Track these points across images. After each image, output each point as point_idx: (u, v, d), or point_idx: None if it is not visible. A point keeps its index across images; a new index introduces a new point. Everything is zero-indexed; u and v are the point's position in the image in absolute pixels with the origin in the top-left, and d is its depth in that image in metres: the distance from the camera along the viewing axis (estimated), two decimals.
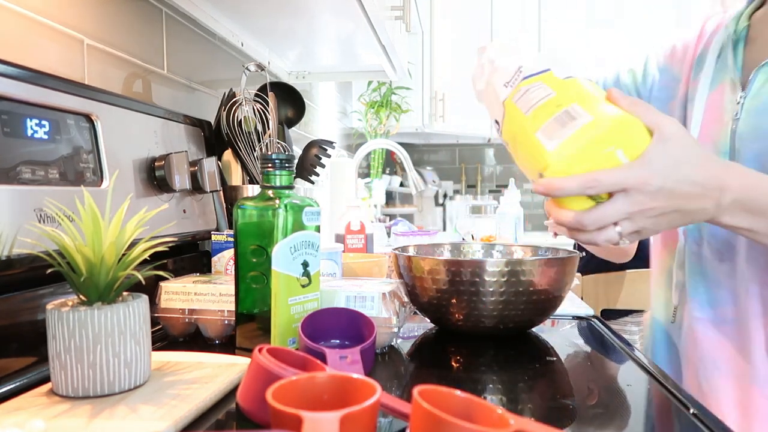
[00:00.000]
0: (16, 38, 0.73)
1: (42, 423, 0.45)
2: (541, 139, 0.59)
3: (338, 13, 1.23)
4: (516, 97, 0.64)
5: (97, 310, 0.51)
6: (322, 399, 0.44)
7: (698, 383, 0.77)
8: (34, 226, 0.61)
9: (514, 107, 0.64)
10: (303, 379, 0.44)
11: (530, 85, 0.63)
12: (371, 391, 0.41)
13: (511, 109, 0.64)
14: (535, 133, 0.60)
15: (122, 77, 0.95)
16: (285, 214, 0.64)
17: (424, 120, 3.02)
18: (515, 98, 0.64)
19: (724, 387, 0.75)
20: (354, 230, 1.16)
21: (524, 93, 0.63)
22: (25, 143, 0.64)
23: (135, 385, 0.53)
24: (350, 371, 0.52)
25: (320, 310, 0.67)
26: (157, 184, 0.87)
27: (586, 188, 0.56)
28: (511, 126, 0.64)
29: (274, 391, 0.41)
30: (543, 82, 0.63)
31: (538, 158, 0.59)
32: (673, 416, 0.54)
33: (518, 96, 0.64)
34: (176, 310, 0.75)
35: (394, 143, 1.78)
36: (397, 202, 3.40)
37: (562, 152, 0.57)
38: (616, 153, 0.57)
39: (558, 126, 0.58)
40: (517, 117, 0.63)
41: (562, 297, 0.80)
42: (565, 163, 0.57)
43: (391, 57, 1.61)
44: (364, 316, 0.67)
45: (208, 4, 1.19)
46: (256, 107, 1.10)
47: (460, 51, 3.18)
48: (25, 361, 0.62)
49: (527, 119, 0.61)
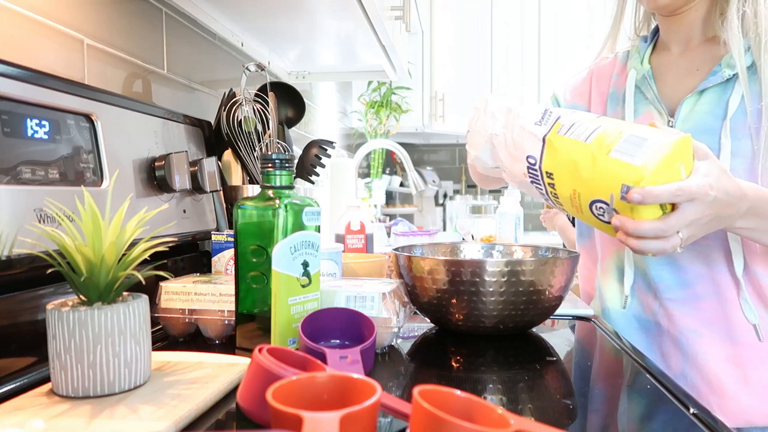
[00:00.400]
0: (16, 38, 0.73)
1: (42, 423, 0.45)
2: (622, 158, 0.66)
3: (338, 13, 1.23)
4: (563, 131, 0.73)
5: (97, 310, 0.51)
6: (322, 399, 0.44)
7: (681, 351, 0.89)
8: (34, 226, 0.61)
9: (563, 139, 0.72)
10: (303, 379, 0.44)
11: (570, 121, 0.73)
12: (371, 391, 0.41)
13: (561, 141, 0.72)
14: (609, 154, 0.67)
15: (122, 77, 0.95)
16: (285, 214, 0.64)
17: (424, 120, 3.02)
18: (560, 131, 0.73)
19: (710, 348, 0.86)
20: (354, 230, 1.16)
21: (570, 127, 0.72)
22: (25, 143, 0.64)
23: (135, 385, 0.53)
24: (350, 371, 0.52)
25: (320, 310, 0.67)
26: (157, 184, 0.87)
27: (675, 196, 0.64)
28: (562, 155, 0.72)
29: (274, 391, 0.41)
30: (582, 119, 0.73)
31: (623, 175, 0.65)
32: (673, 416, 0.54)
33: (563, 130, 0.73)
34: (176, 310, 0.75)
35: (394, 143, 1.78)
36: (397, 202, 3.40)
37: (650, 166, 0.64)
38: (680, 168, 0.66)
39: (634, 146, 0.66)
40: (575, 146, 0.70)
41: (562, 297, 0.80)
42: (653, 174, 0.64)
43: (391, 57, 1.61)
44: (364, 316, 0.67)
45: (208, 4, 1.19)
46: (256, 107, 1.10)
47: (460, 51, 3.18)
48: (25, 361, 0.62)
49: (591, 145, 0.69)
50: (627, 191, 0.65)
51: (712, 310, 0.86)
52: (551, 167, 0.74)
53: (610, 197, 0.67)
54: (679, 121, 0.87)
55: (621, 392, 0.62)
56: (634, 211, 0.66)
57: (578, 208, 0.72)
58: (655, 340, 0.93)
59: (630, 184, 0.65)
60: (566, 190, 0.72)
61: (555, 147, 0.73)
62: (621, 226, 0.66)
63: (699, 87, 0.85)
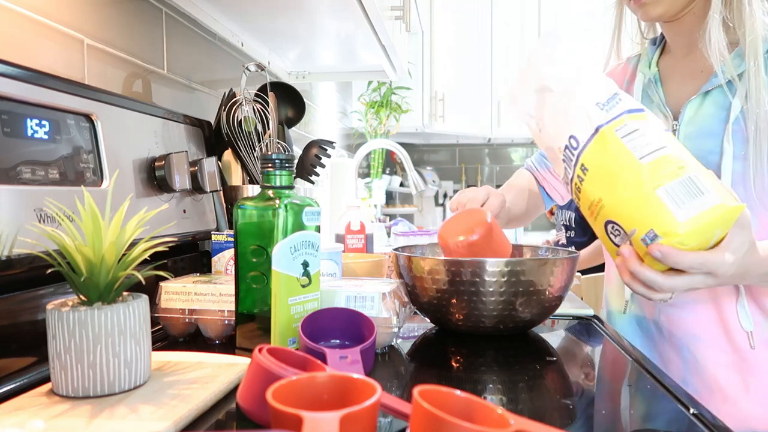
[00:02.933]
0: (16, 38, 0.73)
1: (42, 423, 0.45)
2: (666, 202, 0.59)
3: (338, 13, 1.23)
4: (621, 132, 0.63)
5: (97, 310, 0.51)
6: (322, 399, 0.44)
7: (682, 357, 0.89)
8: (34, 226, 0.61)
9: (618, 142, 0.62)
10: (303, 379, 0.44)
11: (637, 124, 0.63)
12: (371, 391, 0.41)
13: (615, 142, 0.63)
14: (656, 189, 0.59)
15: (122, 77, 0.95)
16: (285, 214, 0.64)
17: (424, 120, 3.02)
18: (619, 132, 0.63)
19: (710, 354, 0.86)
20: (354, 230, 1.16)
21: (631, 133, 0.62)
22: (25, 143, 0.64)
23: (135, 385, 0.53)
24: (350, 371, 0.52)
25: (320, 310, 0.67)
26: (157, 184, 0.87)
27: (692, 268, 0.61)
28: (608, 159, 0.63)
29: (274, 391, 0.41)
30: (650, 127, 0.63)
31: (659, 219, 0.59)
32: (673, 416, 0.54)
33: (623, 132, 0.63)
34: (176, 310, 0.75)
35: (394, 143, 1.78)
36: (397, 202, 3.40)
37: (691, 227, 0.58)
38: (716, 233, 0.61)
39: (686, 195, 0.59)
40: (625, 157, 0.62)
41: (562, 297, 0.80)
42: (687, 237, 0.59)
43: (391, 57, 1.61)
44: (364, 316, 0.67)
45: (208, 4, 1.19)
46: (256, 107, 1.10)
47: (460, 51, 3.18)
48: (25, 361, 0.62)
49: (644, 168, 0.60)
50: (652, 239, 0.59)
51: (711, 315, 0.86)
52: (590, 163, 0.65)
53: (633, 230, 0.61)
54: (683, 124, 0.86)
55: (621, 392, 0.62)
56: (647, 254, 0.61)
57: (593, 215, 0.67)
58: (656, 345, 0.92)
59: (659, 233, 0.59)
60: (593, 193, 0.66)
61: (605, 145, 0.64)
62: (626, 259, 0.64)
63: (702, 89, 0.85)
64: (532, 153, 3.78)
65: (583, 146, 0.65)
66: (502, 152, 3.85)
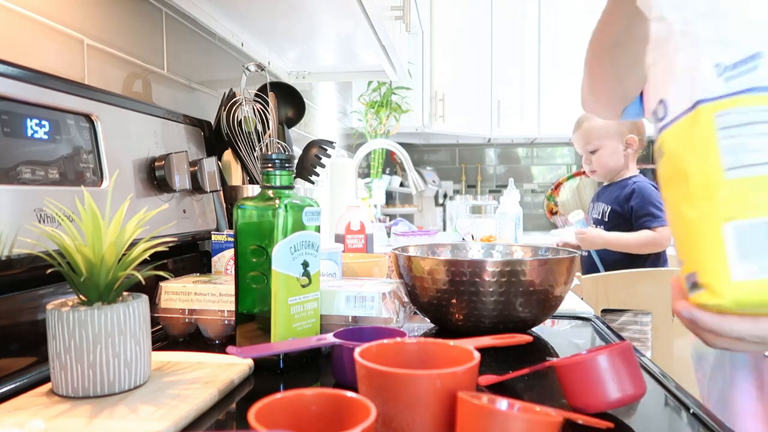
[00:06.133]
0: (16, 38, 0.73)
1: (42, 423, 0.45)
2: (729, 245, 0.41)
3: (338, 13, 1.23)
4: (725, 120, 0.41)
5: (97, 310, 0.51)
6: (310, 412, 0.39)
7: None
8: (34, 226, 0.61)
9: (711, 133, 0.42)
10: (290, 396, 0.39)
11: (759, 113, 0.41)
12: (365, 413, 0.37)
13: (707, 132, 0.42)
14: (724, 223, 0.41)
15: (122, 77, 0.95)
16: (285, 214, 0.64)
17: (424, 120, 3.02)
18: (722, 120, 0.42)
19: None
20: (354, 230, 1.16)
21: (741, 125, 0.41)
22: (25, 143, 0.64)
23: (135, 385, 0.53)
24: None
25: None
26: (157, 184, 0.87)
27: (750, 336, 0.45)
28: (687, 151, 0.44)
29: (257, 411, 0.36)
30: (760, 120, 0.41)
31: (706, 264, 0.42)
32: (673, 416, 0.54)
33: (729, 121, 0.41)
34: (176, 310, 0.75)
35: (394, 143, 1.78)
36: (397, 202, 3.40)
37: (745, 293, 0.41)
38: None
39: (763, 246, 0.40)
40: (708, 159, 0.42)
41: (562, 297, 0.80)
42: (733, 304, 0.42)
43: (391, 57, 1.61)
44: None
45: (208, 4, 1.19)
46: (256, 107, 1.10)
47: (460, 51, 3.18)
48: (25, 361, 0.62)
49: (723, 186, 0.41)
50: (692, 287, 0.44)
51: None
52: (669, 146, 0.46)
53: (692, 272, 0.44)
54: None
55: None
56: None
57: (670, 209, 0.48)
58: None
59: (701, 283, 0.43)
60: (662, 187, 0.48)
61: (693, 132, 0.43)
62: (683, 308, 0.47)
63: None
64: (533, 152, 3.80)
65: (670, 121, 0.45)
66: (503, 152, 3.85)
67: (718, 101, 0.42)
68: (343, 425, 0.38)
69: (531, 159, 3.81)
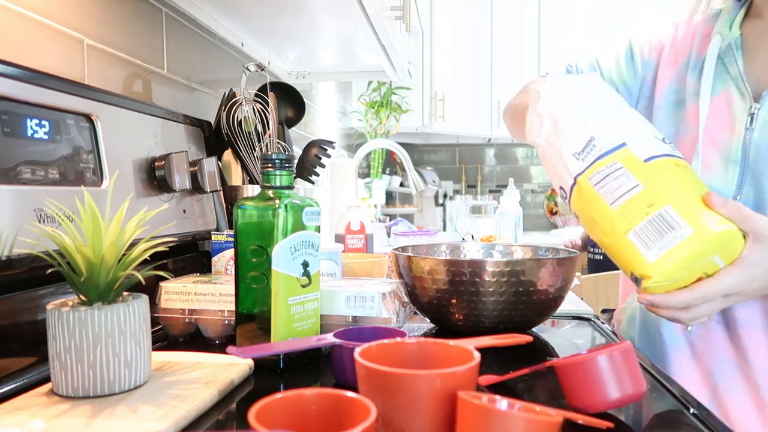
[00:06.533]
0: (16, 38, 0.73)
1: (42, 423, 0.45)
2: (637, 244, 0.59)
3: (338, 13, 1.23)
4: (593, 180, 0.62)
5: (97, 310, 0.51)
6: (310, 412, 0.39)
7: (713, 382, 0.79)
8: (34, 226, 0.61)
9: (592, 190, 0.62)
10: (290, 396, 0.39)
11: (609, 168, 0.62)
12: (365, 413, 0.37)
13: (589, 191, 0.63)
14: (627, 233, 0.59)
15: (122, 77, 0.95)
16: (285, 214, 0.64)
17: (424, 120, 3.02)
18: (592, 180, 0.62)
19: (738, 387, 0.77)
20: (354, 230, 1.16)
21: (604, 178, 0.62)
22: (25, 143, 0.64)
23: (135, 385, 0.53)
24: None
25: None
26: (157, 184, 0.87)
27: (692, 304, 0.59)
28: (587, 207, 0.63)
29: (257, 411, 0.36)
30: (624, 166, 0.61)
31: (634, 263, 0.59)
32: (673, 416, 0.54)
33: (596, 179, 0.62)
34: (176, 310, 0.75)
35: (394, 143, 1.78)
36: (397, 202, 3.40)
37: (663, 266, 0.57)
38: (714, 260, 0.59)
39: (655, 234, 0.58)
40: (599, 205, 0.62)
41: (562, 297, 0.80)
42: (666, 276, 0.57)
43: (391, 57, 1.61)
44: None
45: (208, 4, 1.19)
46: (256, 107, 1.10)
47: (460, 51, 3.18)
48: (25, 361, 0.62)
49: (615, 214, 0.60)
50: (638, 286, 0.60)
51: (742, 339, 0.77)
52: (578, 211, 0.66)
53: (631, 273, 0.62)
54: (764, 109, 0.71)
55: None
56: None
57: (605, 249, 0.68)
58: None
59: (638, 276, 0.59)
60: (593, 235, 0.67)
61: (582, 195, 0.64)
62: (642, 297, 0.62)
63: None
64: (533, 152, 3.79)
65: (569, 196, 0.67)
66: (503, 152, 3.85)
67: (585, 172, 0.64)
68: (343, 425, 0.38)
69: (531, 159, 3.81)
